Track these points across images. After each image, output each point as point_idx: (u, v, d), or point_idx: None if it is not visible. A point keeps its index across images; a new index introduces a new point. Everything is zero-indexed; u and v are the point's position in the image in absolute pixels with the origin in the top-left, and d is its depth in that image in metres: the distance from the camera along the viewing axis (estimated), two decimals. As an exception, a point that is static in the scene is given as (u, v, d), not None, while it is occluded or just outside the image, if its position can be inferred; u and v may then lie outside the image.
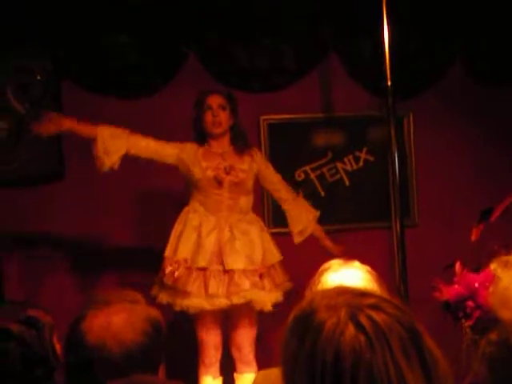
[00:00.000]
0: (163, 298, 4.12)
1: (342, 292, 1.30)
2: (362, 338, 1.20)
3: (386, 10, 3.96)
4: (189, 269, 4.14)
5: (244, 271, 4.14)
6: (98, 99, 4.79)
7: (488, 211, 1.72)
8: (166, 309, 3.95)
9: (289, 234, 4.66)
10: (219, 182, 4.22)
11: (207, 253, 4.14)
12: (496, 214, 1.61)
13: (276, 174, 4.39)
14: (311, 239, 4.79)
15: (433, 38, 4.95)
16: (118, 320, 1.69)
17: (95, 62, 4.75)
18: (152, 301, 3.80)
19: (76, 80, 4.77)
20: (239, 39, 4.86)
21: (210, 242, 4.16)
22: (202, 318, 4.19)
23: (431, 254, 4.76)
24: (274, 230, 4.69)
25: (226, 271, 4.13)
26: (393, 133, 4.00)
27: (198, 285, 4.12)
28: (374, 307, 1.23)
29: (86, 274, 4.77)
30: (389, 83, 3.96)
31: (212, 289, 4.09)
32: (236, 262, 4.13)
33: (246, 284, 4.11)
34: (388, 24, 3.97)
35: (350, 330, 1.20)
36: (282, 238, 4.53)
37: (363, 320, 1.21)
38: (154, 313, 1.78)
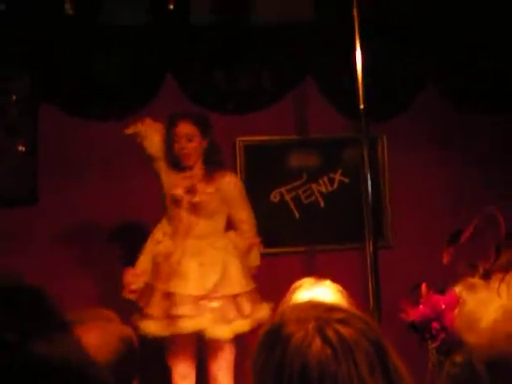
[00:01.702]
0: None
1: (312, 306, 1.34)
2: (329, 350, 1.23)
3: (359, 34, 4.00)
4: (149, 287, 4.12)
5: (189, 296, 4.03)
6: (76, 121, 4.79)
7: (457, 233, 1.75)
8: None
9: (270, 255, 4.68)
10: (177, 201, 4.15)
11: (161, 273, 4.11)
12: (466, 235, 1.64)
13: (244, 211, 4.28)
14: (291, 261, 4.82)
15: (405, 62, 5.01)
16: (91, 339, 1.70)
17: (74, 84, 4.76)
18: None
19: (54, 102, 4.77)
20: (217, 61, 4.90)
21: (164, 262, 4.12)
22: (171, 344, 4.15)
23: (405, 276, 4.77)
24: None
25: (168, 294, 4.06)
26: (366, 155, 4.03)
27: (158, 306, 4.07)
28: (342, 321, 1.26)
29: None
30: (362, 106, 4.00)
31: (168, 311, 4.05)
32: (179, 287, 4.05)
33: (186, 309, 4.02)
34: (361, 48, 4.01)
35: (317, 342, 1.24)
36: (263, 259, 4.55)
37: (330, 333, 1.24)
38: (127, 331, 1.79)
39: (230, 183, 4.24)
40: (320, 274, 4.76)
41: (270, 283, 4.32)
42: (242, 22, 4.90)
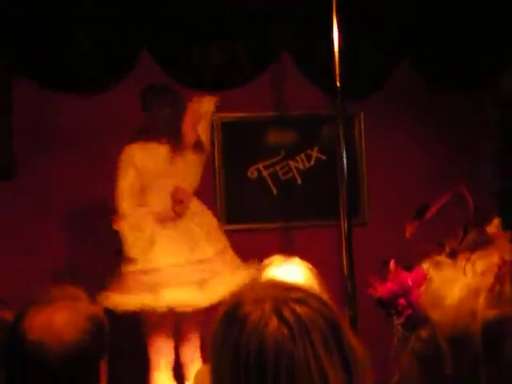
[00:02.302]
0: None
1: (270, 286, 1.36)
2: (285, 330, 1.24)
3: (336, 11, 3.99)
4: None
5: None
6: (51, 96, 4.75)
7: (423, 209, 1.77)
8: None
9: (242, 231, 4.69)
10: None
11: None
12: (431, 211, 1.66)
13: None
14: (268, 237, 4.84)
15: (382, 39, 5.01)
16: (60, 318, 1.70)
17: (48, 57, 4.71)
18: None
19: (28, 75, 4.73)
20: (193, 37, 4.87)
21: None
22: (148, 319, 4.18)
23: (379, 253, 4.79)
24: (228, 227, 4.72)
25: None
26: (341, 132, 4.04)
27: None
28: (299, 301, 1.28)
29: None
30: (338, 83, 4.00)
31: None
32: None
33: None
34: (338, 24, 4.00)
35: (274, 322, 1.25)
36: (236, 235, 4.57)
37: (287, 313, 1.26)
38: (96, 310, 1.80)
39: None
40: (296, 250, 4.80)
41: (249, 259, 4.34)
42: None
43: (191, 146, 4.27)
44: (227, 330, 1.28)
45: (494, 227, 1.34)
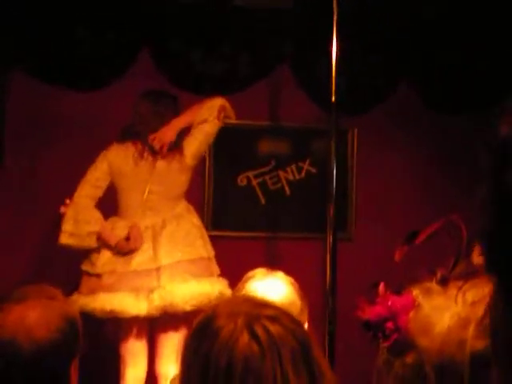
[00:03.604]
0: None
1: (244, 301, 1.37)
2: (255, 346, 1.27)
3: (337, 26, 4.00)
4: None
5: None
6: (46, 89, 4.74)
7: (413, 234, 1.77)
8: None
9: (228, 238, 4.67)
10: None
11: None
12: (421, 237, 1.66)
13: None
14: (254, 246, 4.83)
15: (382, 57, 5.04)
16: (33, 316, 1.70)
17: (47, 52, 4.70)
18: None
19: (25, 68, 4.71)
20: (195, 41, 4.87)
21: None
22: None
23: (363, 269, 4.84)
24: (213, 234, 4.71)
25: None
26: (333, 146, 4.05)
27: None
28: (272, 318, 1.30)
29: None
30: (333, 98, 4.01)
31: None
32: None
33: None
34: (337, 40, 4.02)
35: (245, 337, 1.27)
36: (221, 242, 4.56)
37: (258, 330, 1.28)
38: (71, 309, 1.80)
39: None
40: (280, 261, 4.81)
41: (232, 266, 4.34)
42: (224, 4, 4.89)
43: (162, 150, 4.19)
44: (199, 342, 1.31)
45: (476, 254, 1.34)
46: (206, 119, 4.25)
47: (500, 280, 0.62)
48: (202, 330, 1.33)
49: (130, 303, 3.99)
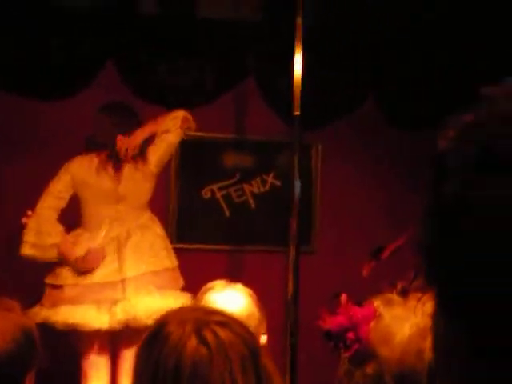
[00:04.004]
0: None
1: (194, 309, 1.40)
2: (204, 350, 1.29)
3: (301, 40, 4.03)
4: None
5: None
6: (13, 100, 4.71)
7: (379, 250, 1.81)
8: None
9: (191, 251, 4.67)
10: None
11: None
12: (386, 252, 1.69)
13: None
14: (217, 259, 4.83)
15: (347, 73, 5.09)
16: None
17: (13, 61, 4.67)
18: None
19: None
20: (160, 54, 4.88)
21: None
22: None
23: (324, 283, 4.87)
24: (177, 246, 4.71)
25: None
26: (296, 160, 4.07)
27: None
28: (221, 324, 1.32)
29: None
30: (296, 113, 4.04)
31: None
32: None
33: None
34: (302, 54, 4.04)
35: (193, 342, 1.30)
36: (185, 254, 4.55)
37: (208, 334, 1.30)
38: (29, 322, 1.80)
39: None
40: (243, 274, 4.82)
41: (196, 279, 4.33)
42: (189, 16, 4.90)
43: (127, 157, 4.21)
44: (150, 349, 1.33)
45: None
46: (169, 129, 4.30)
47: (439, 293, 0.63)
48: (153, 337, 1.36)
49: (92, 316, 3.96)
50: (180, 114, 4.35)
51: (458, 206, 0.60)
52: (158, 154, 4.31)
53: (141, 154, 4.25)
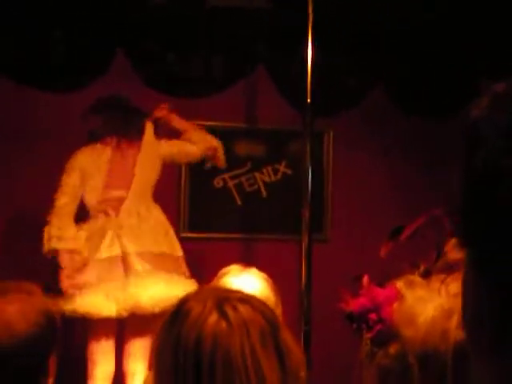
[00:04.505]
0: None
1: (215, 288, 1.42)
2: (224, 324, 1.31)
3: (312, 28, 4.03)
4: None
5: None
6: (22, 90, 4.71)
7: (398, 230, 1.80)
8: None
9: (210, 240, 4.67)
10: None
11: None
12: (406, 233, 1.69)
13: None
14: (230, 247, 4.84)
15: (357, 60, 5.08)
16: (12, 310, 1.72)
17: (22, 52, 4.67)
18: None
19: (2, 70, 4.68)
20: (170, 43, 4.88)
21: None
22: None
23: (339, 270, 4.86)
24: (190, 235, 4.71)
25: None
26: (308, 148, 4.07)
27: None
28: (241, 300, 1.35)
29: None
30: (308, 100, 4.03)
31: None
32: None
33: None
34: (312, 42, 4.04)
35: (214, 316, 1.32)
36: (196, 244, 4.56)
37: (228, 309, 1.33)
38: (50, 305, 1.82)
39: None
40: (256, 262, 4.81)
41: (208, 267, 4.34)
42: (199, 5, 4.90)
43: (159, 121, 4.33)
44: (171, 323, 1.35)
45: (450, 246, 1.37)
46: (194, 142, 4.33)
47: (472, 252, 0.68)
48: (174, 314, 1.37)
49: (102, 305, 4.00)
50: (214, 142, 4.44)
51: (490, 173, 0.63)
52: (171, 148, 4.32)
53: (158, 135, 4.29)
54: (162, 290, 4.01)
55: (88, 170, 4.19)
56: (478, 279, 0.68)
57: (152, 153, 4.27)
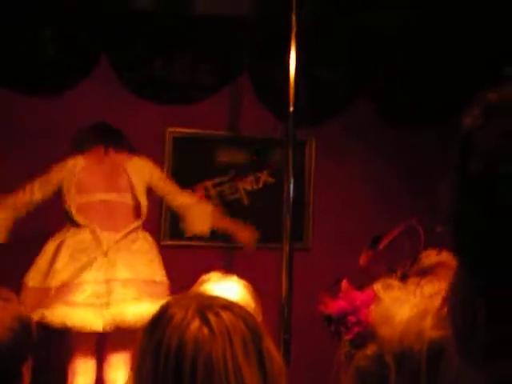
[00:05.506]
0: None
1: (197, 295, 1.43)
2: (206, 330, 1.32)
3: (295, 37, 4.05)
4: None
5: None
6: (3, 94, 4.71)
7: (377, 239, 1.83)
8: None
9: (184, 247, 4.67)
10: None
11: None
12: (385, 242, 1.72)
13: None
14: (211, 255, 4.84)
15: (340, 69, 5.10)
16: None
17: (6, 56, 4.67)
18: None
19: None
20: (155, 49, 4.89)
21: None
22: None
23: (319, 279, 4.87)
24: (170, 243, 4.71)
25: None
26: (290, 156, 4.09)
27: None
28: (224, 307, 1.35)
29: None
30: (291, 108, 4.05)
31: None
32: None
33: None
34: (296, 50, 4.06)
35: (196, 322, 1.33)
36: (178, 251, 4.56)
37: (210, 316, 1.34)
38: (25, 313, 1.82)
39: None
40: (236, 270, 4.80)
41: (188, 276, 4.34)
42: (184, 12, 4.91)
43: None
44: (153, 328, 1.36)
45: (425, 253, 1.39)
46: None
47: (464, 258, 0.68)
48: (156, 319, 1.39)
49: (89, 319, 3.98)
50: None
51: (484, 181, 0.65)
52: (162, 183, 4.35)
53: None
54: (147, 306, 4.01)
55: (83, 183, 4.20)
56: (470, 285, 0.68)
57: (140, 170, 4.28)
